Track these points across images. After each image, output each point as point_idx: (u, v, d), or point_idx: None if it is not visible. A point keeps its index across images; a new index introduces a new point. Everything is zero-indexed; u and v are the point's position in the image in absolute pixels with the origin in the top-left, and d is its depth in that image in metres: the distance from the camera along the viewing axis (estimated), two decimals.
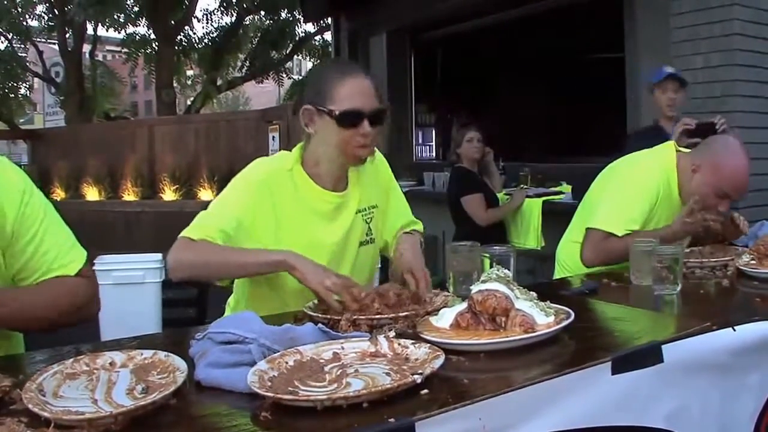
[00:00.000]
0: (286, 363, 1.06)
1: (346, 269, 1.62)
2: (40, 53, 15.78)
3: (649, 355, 1.14)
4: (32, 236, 1.28)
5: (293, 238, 1.55)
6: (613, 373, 1.09)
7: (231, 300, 1.75)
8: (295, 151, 1.65)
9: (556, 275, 2.26)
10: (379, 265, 1.83)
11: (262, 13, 14.88)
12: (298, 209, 1.58)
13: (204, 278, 1.63)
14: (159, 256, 4.56)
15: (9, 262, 1.29)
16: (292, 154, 1.64)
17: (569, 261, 2.22)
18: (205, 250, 1.48)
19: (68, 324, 1.33)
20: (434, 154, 7.88)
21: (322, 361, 1.08)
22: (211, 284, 2.27)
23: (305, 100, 1.58)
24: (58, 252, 1.31)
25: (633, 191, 1.99)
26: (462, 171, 4.06)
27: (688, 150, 2.11)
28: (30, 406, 0.93)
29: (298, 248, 1.48)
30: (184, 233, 1.50)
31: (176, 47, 14.23)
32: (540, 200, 4.18)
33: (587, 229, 2.00)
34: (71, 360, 1.09)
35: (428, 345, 1.13)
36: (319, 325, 1.21)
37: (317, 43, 15.14)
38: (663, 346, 1.16)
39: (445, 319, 1.27)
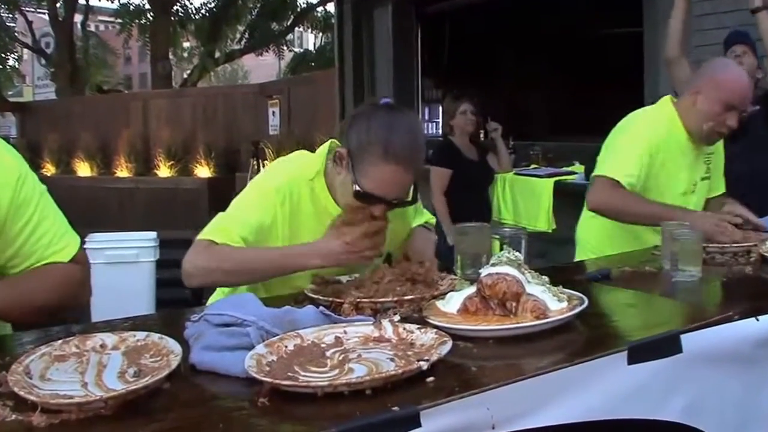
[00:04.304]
0: (286, 347, 1.04)
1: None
2: (29, 23, 15.56)
3: (667, 345, 1.11)
4: (26, 221, 1.27)
5: None
6: (629, 363, 1.07)
7: None
8: (318, 158, 1.59)
9: (578, 257, 2.25)
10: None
11: None
12: (314, 220, 1.56)
13: (223, 284, 1.57)
14: (153, 234, 4.53)
15: (0, 249, 1.27)
16: (315, 162, 1.59)
17: (591, 239, 2.23)
18: (230, 256, 1.45)
19: (62, 312, 1.32)
20: (441, 131, 7.78)
21: (323, 345, 1.06)
22: None
23: (349, 138, 1.47)
24: (52, 237, 1.30)
25: (630, 143, 2.09)
26: (445, 143, 3.92)
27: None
28: (16, 389, 0.91)
29: None
30: (203, 236, 1.47)
31: (172, 18, 14.08)
32: (551, 180, 4.07)
33: (593, 177, 2.10)
34: (60, 341, 1.07)
35: (435, 330, 1.10)
36: (321, 307, 1.19)
37: (320, 15, 14.98)
38: (682, 336, 1.13)
39: (452, 303, 1.24)
